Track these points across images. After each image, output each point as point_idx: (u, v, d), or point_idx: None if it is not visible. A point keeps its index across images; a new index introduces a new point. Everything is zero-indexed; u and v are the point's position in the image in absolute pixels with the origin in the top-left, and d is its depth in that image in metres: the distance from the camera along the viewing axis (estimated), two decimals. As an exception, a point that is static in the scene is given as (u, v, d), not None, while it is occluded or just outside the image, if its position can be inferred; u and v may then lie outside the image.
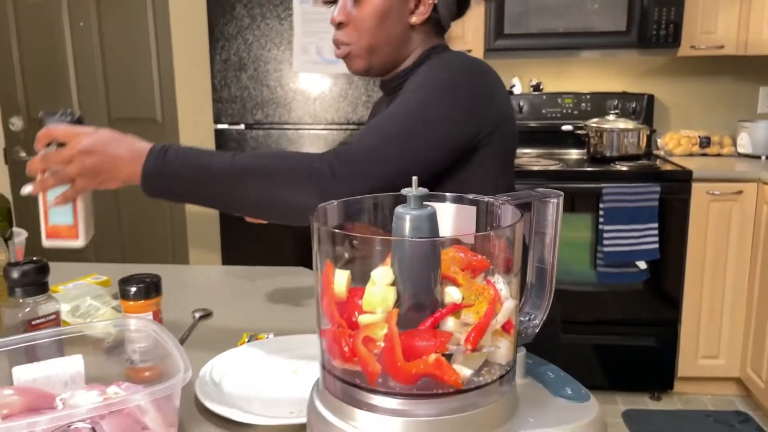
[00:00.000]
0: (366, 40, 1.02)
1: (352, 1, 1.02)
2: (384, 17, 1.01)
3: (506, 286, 0.58)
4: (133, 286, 0.91)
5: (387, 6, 1.01)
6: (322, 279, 0.57)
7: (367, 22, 1.01)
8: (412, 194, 0.55)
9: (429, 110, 0.94)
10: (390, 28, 1.02)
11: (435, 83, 0.96)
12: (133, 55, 3.04)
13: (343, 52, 1.05)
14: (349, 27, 1.02)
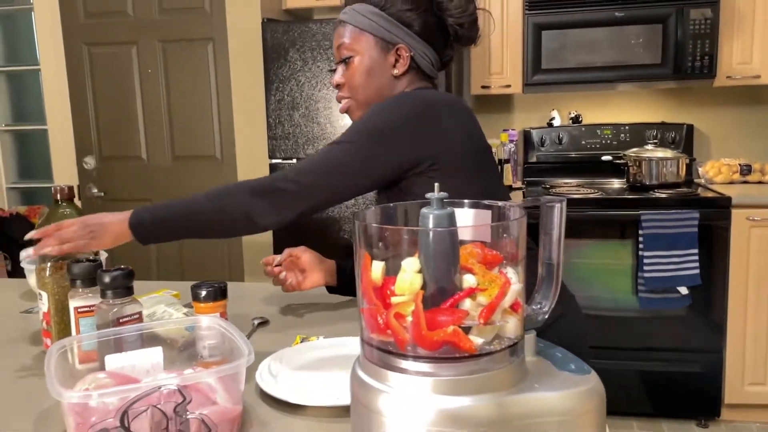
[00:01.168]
0: (361, 94, 1.24)
1: (342, 64, 1.25)
2: (371, 73, 1.22)
3: (515, 275, 0.70)
4: (203, 290, 1.06)
5: (371, 64, 1.22)
6: (362, 268, 0.70)
7: (359, 79, 1.23)
8: (435, 197, 0.68)
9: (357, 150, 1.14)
10: (377, 82, 1.23)
11: (368, 123, 1.15)
12: (196, 98, 3.29)
13: (344, 107, 1.27)
14: (345, 87, 1.25)
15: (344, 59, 1.23)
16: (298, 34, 2.68)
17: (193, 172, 3.37)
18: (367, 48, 1.22)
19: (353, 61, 1.22)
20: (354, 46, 1.22)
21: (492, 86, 2.95)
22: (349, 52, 1.23)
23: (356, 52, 1.22)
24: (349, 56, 1.23)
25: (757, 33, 2.71)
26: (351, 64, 1.23)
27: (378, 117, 1.15)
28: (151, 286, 1.57)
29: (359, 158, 1.13)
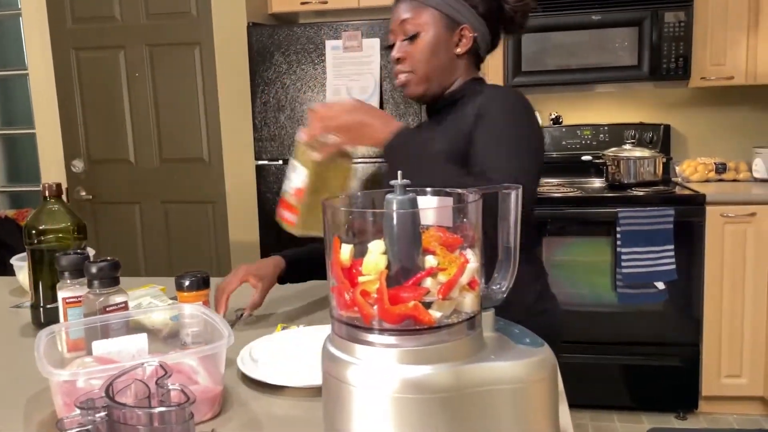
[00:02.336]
0: (422, 69, 1.25)
1: (407, 40, 1.25)
2: (435, 50, 1.25)
3: (474, 256, 0.75)
4: (187, 279, 1.11)
5: (437, 41, 1.24)
6: (332, 251, 0.76)
7: (422, 55, 1.24)
8: (398, 184, 0.74)
9: (525, 130, 1.19)
10: (440, 59, 1.26)
11: (515, 109, 1.20)
12: (183, 101, 3.33)
13: (403, 80, 1.28)
14: (407, 61, 1.26)
15: (410, 36, 1.25)
16: (284, 37, 2.73)
17: (180, 174, 3.41)
18: (433, 24, 1.24)
19: (419, 36, 1.24)
20: (420, 21, 1.24)
21: (474, 88, 3.02)
22: (414, 28, 1.24)
23: (422, 27, 1.24)
24: (415, 33, 1.24)
25: (730, 35, 2.80)
26: (416, 39, 1.24)
27: (519, 114, 1.21)
28: (139, 281, 1.62)
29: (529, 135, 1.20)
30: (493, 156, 1.15)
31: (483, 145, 1.17)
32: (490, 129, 1.19)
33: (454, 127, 1.26)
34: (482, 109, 1.22)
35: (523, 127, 1.19)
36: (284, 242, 2.83)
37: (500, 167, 1.12)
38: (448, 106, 1.31)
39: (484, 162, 1.14)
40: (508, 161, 1.14)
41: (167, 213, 3.46)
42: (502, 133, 1.18)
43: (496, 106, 1.21)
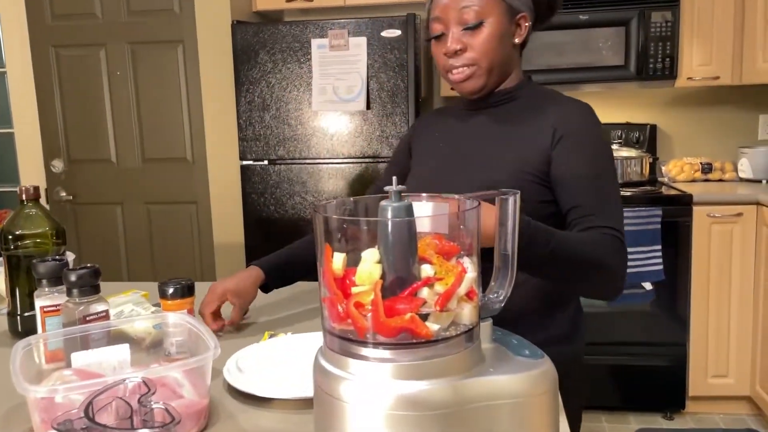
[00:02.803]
0: (487, 61, 1.16)
1: (466, 30, 1.15)
2: (500, 40, 1.16)
3: (472, 265, 0.73)
4: (171, 287, 1.07)
5: (500, 30, 1.16)
6: (324, 260, 0.72)
7: (487, 45, 1.15)
8: (393, 190, 0.71)
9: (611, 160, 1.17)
10: (504, 50, 1.18)
11: (601, 133, 1.17)
12: (166, 100, 3.27)
13: (464, 74, 1.17)
14: (468, 52, 1.16)
15: (472, 25, 1.14)
16: (269, 35, 2.69)
17: (163, 174, 3.35)
18: (498, 12, 1.15)
19: (484, 25, 1.15)
20: (485, 9, 1.15)
21: (461, 88, 2.99)
22: (477, 16, 1.14)
23: (485, 15, 1.15)
24: (479, 21, 1.14)
25: (716, 35, 2.80)
26: (481, 28, 1.15)
27: (600, 133, 1.17)
28: (120, 286, 1.57)
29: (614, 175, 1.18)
30: (594, 199, 1.10)
31: (578, 181, 1.12)
32: (584, 162, 1.13)
33: (522, 133, 1.19)
34: (564, 128, 1.15)
35: (610, 156, 1.17)
36: (269, 243, 2.80)
37: (609, 214, 1.09)
38: (504, 102, 1.23)
39: (587, 206, 1.09)
40: (614, 205, 1.11)
41: (150, 214, 3.40)
42: (598, 168, 1.13)
43: (584, 131, 1.15)
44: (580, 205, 1.10)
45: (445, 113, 1.36)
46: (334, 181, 2.72)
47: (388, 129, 2.65)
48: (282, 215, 2.78)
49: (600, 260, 1.05)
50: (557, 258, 1.00)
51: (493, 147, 1.21)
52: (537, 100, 1.22)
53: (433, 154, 1.30)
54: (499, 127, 1.22)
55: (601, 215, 1.09)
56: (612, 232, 1.08)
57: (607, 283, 1.09)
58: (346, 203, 0.79)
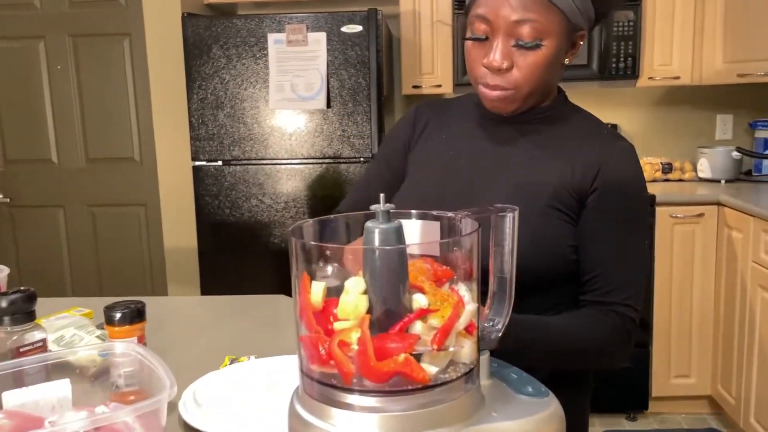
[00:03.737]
0: (530, 86, 0.97)
1: (518, 47, 0.95)
2: (553, 66, 0.97)
3: (468, 293, 0.64)
4: (118, 312, 0.95)
5: (557, 52, 0.96)
6: (300, 290, 0.62)
7: (538, 71, 0.96)
8: (380, 210, 0.61)
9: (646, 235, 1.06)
10: (553, 73, 0.99)
11: (645, 201, 1.06)
12: (111, 97, 3.09)
13: (500, 96, 0.99)
14: (513, 73, 0.96)
15: (531, 45, 0.94)
16: (222, 29, 2.55)
17: (109, 175, 3.17)
18: (558, 31, 0.95)
19: (541, 47, 0.94)
20: (546, 27, 0.93)
21: (423, 86, 2.92)
22: (537, 35, 0.93)
23: (546, 35, 0.94)
24: (538, 41, 0.93)
25: (677, 35, 2.80)
26: (537, 50, 0.94)
27: (644, 195, 1.06)
28: (63, 303, 1.43)
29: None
30: (618, 271, 1.00)
31: (606, 246, 1.01)
32: (619, 226, 1.01)
33: (557, 163, 1.02)
34: (607, 176, 1.00)
35: (647, 219, 1.07)
36: (224, 249, 2.66)
37: (630, 290, 1.00)
38: (538, 120, 1.06)
39: (608, 276, 1.00)
40: (638, 279, 1.01)
41: (94, 217, 3.21)
42: (632, 236, 1.01)
43: (628, 189, 1.01)
44: (602, 274, 1.00)
45: (459, 111, 1.14)
46: (293, 182, 2.61)
47: (350, 129, 2.55)
48: (238, 219, 2.65)
49: (601, 354, 1.00)
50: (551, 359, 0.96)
51: (521, 171, 1.03)
52: (577, 126, 1.07)
53: (442, 164, 1.10)
54: (531, 149, 1.05)
55: (621, 290, 0.99)
56: (627, 311, 0.99)
57: (609, 365, 1.04)
58: (324, 222, 0.69)
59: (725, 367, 2.57)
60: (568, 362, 0.99)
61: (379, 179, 1.19)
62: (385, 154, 1.20)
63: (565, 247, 1.02)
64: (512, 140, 1.07)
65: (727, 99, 3.12)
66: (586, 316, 0.99)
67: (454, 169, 1.08)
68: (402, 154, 1.17)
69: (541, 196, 1.02)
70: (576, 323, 0.98)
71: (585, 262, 1.02)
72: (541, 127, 1.06)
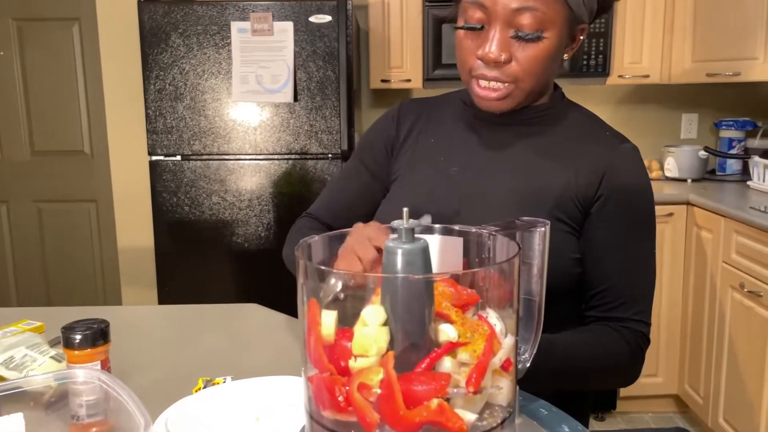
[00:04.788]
0: (530, 82, 0.90)
1: (517, 38, 0.87)
2: (554, 60, 0.91)
3: (500, 321, 0.55)
4: (78, 333, 0.83)
5: (559, 45, 0.90)
6: (308, 320, 0.53)
7: (538, 64, 0.89)
8: (403, 227, 0.52)
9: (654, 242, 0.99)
10: (553, 68, 0.93)
11: (651, 214, 0.98)
12: (59, 85, 2.90)
13: (497, 92, 0.91)
14: (511, 66, 0.89)
15: (532, 36, 0.87)
16: (181, 16, 2.40)
17: (57, 169, 2.98)
18: (560, 23, 0.88)
19: (543, 39, 0.87)
20: (548, 17, 0.86)
21: (392, 80, 2.83)
22: (539, 25, 0.86)
23: (548, 26, 0.87)
24: (539, 32, 0.87)
25: (647, 33, 2.78)
26: (538, 42, 0.87)
27: (651, 199, 0.98)
28: (9, 315, 1.29)
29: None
30: (627, 283, 0.94)
31: (613, 258, 0.94)
32: (627, 236, 0.95)
33: (558, 168, 0.96)
34: (614, 183, 0.94)
35: (654, 224, 0.98)
36: (183, 249, 2.52)
37: (640, 303, 0.94)
38: (536, 121, 0.99)
39: (616, 289, 0.94)
40: (647, 291, 0.96)
41: (41, 214, 3.02)
42: (641, 245, 0.96)
43: (636, 194, 0.95)
44: (609, 288, 0.94)
45: (448, 111, 1.06)
46: (257, 179, 2.48)
47: (318, 123, 2.44)
48: (198, 217, 2.51)
49: (614, 374, 0.96)
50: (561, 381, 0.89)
51: (520, 179, 0.96)
52: (577, 127, 1.00)
53: (433, 172, 1.01)
54: (529, 153, 0.98)
55: (630, 304, 0.94)
56: (638, 327, 0.94)
57: (620, 385, 1.01)
58: (334, 237, 0.59)
59: (693, 367, 2.58)
60: (579, 384, 0.92)
61: (357, 180, 1.10)
62: (365, 153, 1.11)
63: (569, 261, 0.95)
64: (508, 144, 0.99)
65: (692, 98, 3.13)
66: (598, 334, 0.92)
67: (447, 178, 1.00)
68: (384, 155, 1.08)
69: (543, 206, 0.94)
70: (588, 341, 0.91)
71: (591, 275, 0.96)
72: (538, 128, 0.99)
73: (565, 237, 0.95)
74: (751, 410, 2.16)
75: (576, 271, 0.96)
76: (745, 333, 2.21)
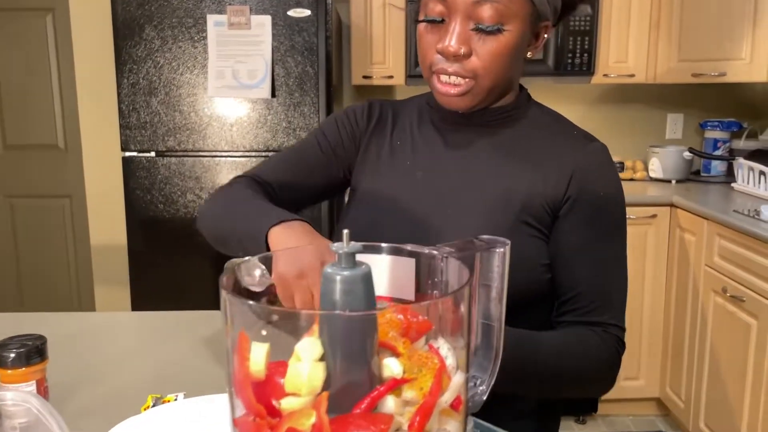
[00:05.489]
0: (491, 78, 0.87)
1: (477, 31, 0.84)
2: (516, 56, 0.87)
3: (452, 353, 0.50)
4: (11, 351, 0.77)
5: (520, 41, 0.86)
6: (235, 354, 0.48)
7: (499, 59, 0.86)
8: (344, 251, 0.47)
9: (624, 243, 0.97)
10: (515, 66, 0.90)
11: (622, 214, 0.96)
12: (32, 78, 2.82)
13: (457, 88, 0.87)
14: (472, 61, 0.86)
15: (491, 28, 0.84)
16: (156, 8, 2.33)
17: (29, 164, 2.90)
18: (522, 17, 0.85)
19: (503, 32, 0.84)
20: (509, 10, 0.84)
21: (374, 76, 2.77)
22: (499, 18, 0.83)
23: (509, 19, 0.84)
24: (499, 25, 0.84)
25: (633, 32, 2.74)
26: (498, 35, 0.84)
27: (622, 200, 0.95)
28: (-43, 321, 1.23)
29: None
30: (599, 287, 0.92)
31: (584, 262, 0.91)
32: (597, 239, 0.92)
33: (525, 170, 0.92)
34: (582, 184, 0.91)
35: (624, 225, 0.96)
36: (156, 248, 2.46)
37: (614, 307, 0.92)
38: (501, 122, 0.96)
39: (589, 293, 0.91)
40: (620, 294, 0.94)
41: (13, 209, 2.94)
42: (612, 247, 0.94)
43: (605, 196, 0.92)
44: (582, 292, 0.91)
45: (412, 114, 1.03)
46: (234, 175, 2.42)
47: (296, 120, 2.38)
48: (173, 215, 2.44)
49: (592, 379, 0.90)
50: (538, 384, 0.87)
51: (486, 182, 0.93)
52: (544, 127, 0.97)
53: (396, 176, 0.99)
54: (495, 155, 0.95)
55: (604, 308, 0.91)
56: (613, 331, 0.91)
57: (597, 392, 0.94)
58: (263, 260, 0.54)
59: (674, 370, 2.55)
60: (551, 385, 0.88)
61: (316, 151, 1.04)
62: (330, 129, 1.05)
63: (538, 267, 0.92)
64: (473, 146, 0.96)
65: (678, 98, 3.10)
66: (575, 332, 0.89)
67: (410, 182, 0.97)
68: (349, 138, 1.04)
69: (510, 210, 0.91)
70: (563, 337, 0.89)
71: (563, 279, 0.92)
72: (503, 129, 0.96)
73: (534, 242, 0.92)
74: (732, 416, 2.14)
75: (545, 278, 0.93)
76: (727, 338, 2.18)
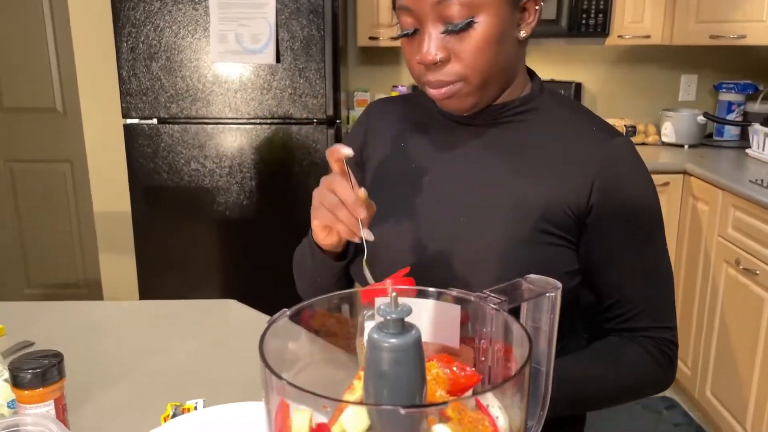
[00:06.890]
0: (479, 75, 0.81)
1: (449, 33, 0.79)
2: (498, 42, 0.80)
3: (503, 412, 0.47)
4: (27, 372, 0.74)
5: (499, 28, 0.80)
6: (276, 422, 0.45)
7: (479, 54, 0.80)
8: (392, 317, 0.43)
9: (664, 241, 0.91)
10: (505, 52, 0.82)
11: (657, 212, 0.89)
12: (27, 40, 2.72)
13: (450, 92, 0.83)
14: (452, 64, 0.81)
15: (459, 26, 0.78)
16: (154, -32, 2.23)
17: (28, 127, 2.83)
18: (494, 3, 0.78)
19: (474, 25, 0.78)
20: (479, 1, 0.78)
21: (380, 38, 2.68)
22: (466, 11, 0.77)
23: (477, 10, 0.78)
24: (468, 19, 0.78)
25: (650, -8, 2.64)
26: (470, 30, 0.78)
27: (654, 196, 0.89)
28: (-35, 312, 1.20)
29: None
30: (644, 291, 0.88)
31: (624, 268, 0.87)
32: (634, 242, 0.87)
33: (542, 172, 0.86)
34: (609, 188, 0.85)
35: (661, 222, 0.90)
36: (161, 216, 2.42)
37: (662, 310, 0.88)
38: (512, 118, 0.90)
39: (634, 300, 0.87)
40: (668, 296, 0.89)
41: (13, 174, 2.89)
42: (651, 249, 0.88)
43: (635, 197, 0.86)
44: (621, 299, 0.87)
45: (417, 111, 0.98)
46: (238, 144, 2.36)
47: (301, 86, 2.31)
48: (177, 183, 2.40)
49: (644, 387, 0.90)
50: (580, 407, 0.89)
51: (501, 188, 0.87)
52: (561, 123, 0.90)
53: (405, 183, 0.93)
54: (509, 158, 0.88)
55: (652, 312, 0.87)
56: (660, 333, 0.88)
57: (653, 393, 0.92)
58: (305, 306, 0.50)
59: (683, 338, 2.55)
60: (602, 405, 0.89)
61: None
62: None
63: (563, 276, 0.86)
64: (486, 147, 0.90)
65: (692, 59, 3.01)
66: (616, 351, 0.87)
67: (420, 189, 0.91)
68: (358, 167, 1.00)
69: (528, 218, 0.85)
70: (605, 361, 0.86)
71: (602, 287, 0.89)
72: (516, 126, 0.90)
73: (555, 250, 0.86)
74: (740, 387, 2.15)
75: (571, 285, 0.88)
76: (738, 310, 2.17)
